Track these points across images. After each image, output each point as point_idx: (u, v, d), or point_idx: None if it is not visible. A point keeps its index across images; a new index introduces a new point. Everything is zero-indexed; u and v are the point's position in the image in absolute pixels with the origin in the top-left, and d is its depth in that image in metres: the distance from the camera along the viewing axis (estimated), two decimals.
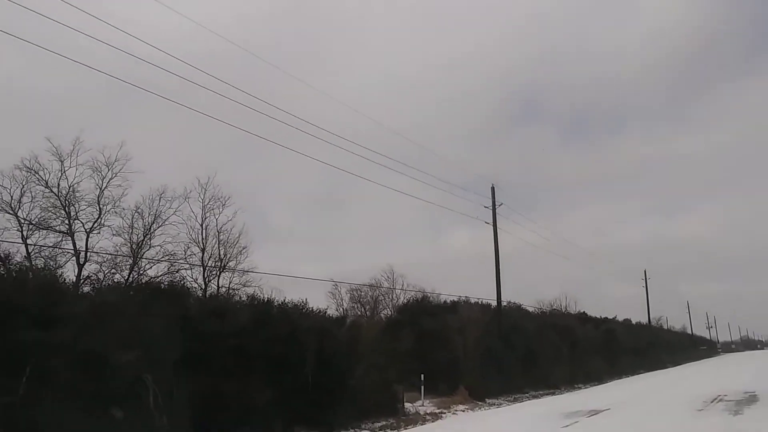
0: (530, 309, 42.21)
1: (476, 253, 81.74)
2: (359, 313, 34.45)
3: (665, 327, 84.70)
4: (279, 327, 17.31)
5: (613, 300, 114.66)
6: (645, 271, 67.69)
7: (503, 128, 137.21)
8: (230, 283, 19.63)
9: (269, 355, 16.39)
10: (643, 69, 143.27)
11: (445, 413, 22.31)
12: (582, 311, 51.63)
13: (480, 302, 33.60)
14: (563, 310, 48.36)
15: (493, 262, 31.82)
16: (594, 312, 53.71)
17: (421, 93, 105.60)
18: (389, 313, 33.19)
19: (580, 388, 35.17)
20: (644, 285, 67.41)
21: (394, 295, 34.28)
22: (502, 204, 32.02)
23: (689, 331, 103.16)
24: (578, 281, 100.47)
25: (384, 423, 19.42)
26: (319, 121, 20.87)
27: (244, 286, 19.83)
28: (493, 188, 32.23)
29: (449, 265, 70.62)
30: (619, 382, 37.80)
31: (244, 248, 20.00)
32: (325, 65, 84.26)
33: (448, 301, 33.08)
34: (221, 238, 19.79)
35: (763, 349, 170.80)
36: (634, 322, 65.98)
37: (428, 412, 22.28)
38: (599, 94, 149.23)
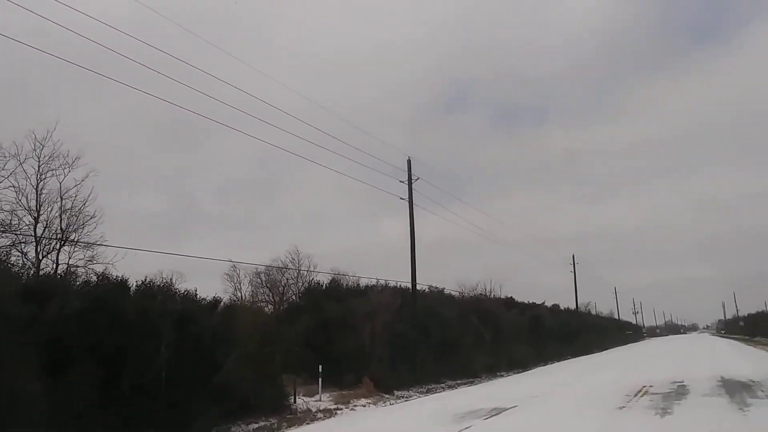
0: (454, 294, 39.81)
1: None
2: (267, 298, 31.51)
3: (593, 312, 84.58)
4: (123, 312, 14.11)
5: (543, 287, 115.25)
6: (573, 256, 66.79)
7: (435, 117, 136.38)
8: (69, 259, 16.06)
9: (105, 347, 13.22)
10: (567, 60, 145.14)
11: (341, 409, 19.54)
12: (510, 296, 49.78)
13: (398, 286, 30.98)
14: (488, 295, 46.24)
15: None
16: (524, 299, 52.16)
17: (357, 79, 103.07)
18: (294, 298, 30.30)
19: (502, 376, 33.03)
20: (572, 270, 66.33)
21: (305, 279, 31.35)
22: (418, 179, 29.37)
23: (616, 317, 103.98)
24: (509, 268, 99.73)
25: (263, 424, 16.50)
26: (253, 102, 19.55)
27: (90, 262, 16.34)
28: (409, 161, 29.56)
29: (383, 252, 68.68)
30: (542, 370, 35.85)
31: (91, 218, 16.47)
32: (261, 45, 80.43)
33: (362, 285, 30.27)
34: (64, 205, 16.24)
35: (685, 333, 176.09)
36: (562, 307, 64.95)
37: (322, 408, 19.41)
38: (527, 86, 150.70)
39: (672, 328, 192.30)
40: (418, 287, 34.11)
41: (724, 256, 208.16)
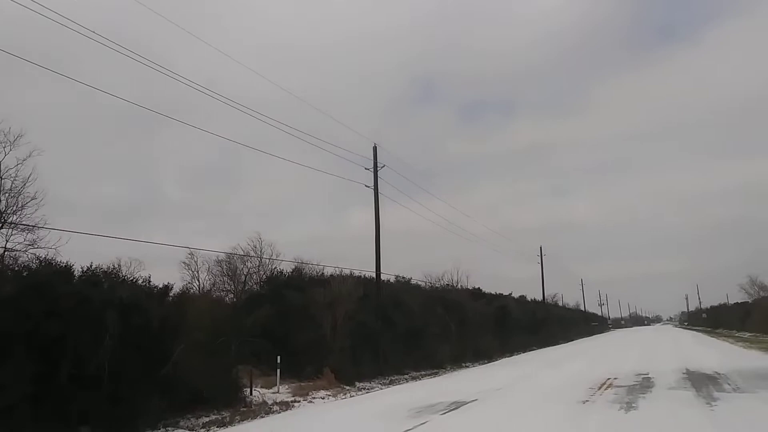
0: (420, 284, 39.25)
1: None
2: (228, 287, 30.63)
3: (560, 304, 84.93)
4: (62, 299, 13.20)
5: (511, 279, 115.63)
6: (540, 248, 66.77)
7: (403, 110, 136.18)
8: (7, 242, 14.99)
9: (41, 336, 12.33)
10: (536, 56, 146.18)
11: (299, 402, 18.84)
12: (477, 287, 49.40)
13: (363, 275, 30.30)
14: (455, 286, 45.81)
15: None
16: (492, 290, 51.95)
17: (324, 72, 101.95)
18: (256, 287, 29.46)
19: (467, 367, 32.62)
20: (540, 262, 66.33)
21: (268, 268, 30.52)
22: (384, 166, 28.64)
23: (582, 308, 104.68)
24: (478, 260, 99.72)
25: (215, 417, 15.73)
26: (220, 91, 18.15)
27: (31, 247, 15.29)
28: (375, 148, 28.80)
29: (351, 242, 68.08)
30: (507, 361, 35.54)
31: (32, 199, 15.37)
32: (228, 35, 78.77)
33: (326, 274, 29.49)
34: (3, 185, 15.15)
35: (650, 324, 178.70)
36: (529, 299, 64.96)
37: (279, 401, 18.69)
38: (495, 80, 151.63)
39: (636, 320, 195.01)
40: (384, 277, 33.51)
41: (687, 250, 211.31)
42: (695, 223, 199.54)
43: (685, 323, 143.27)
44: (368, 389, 22.63)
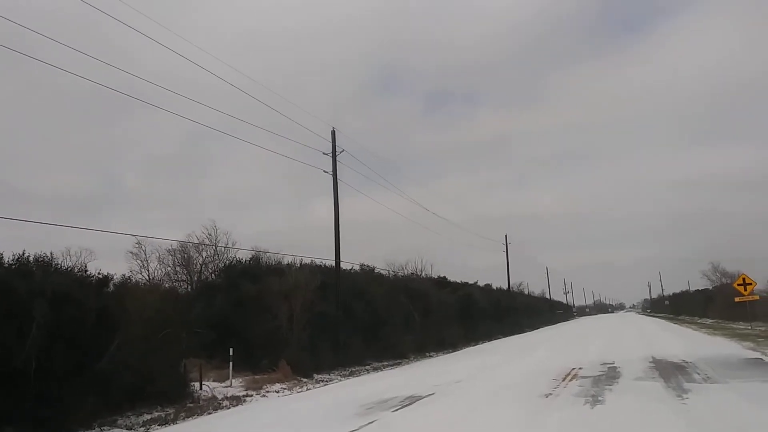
0: (383, 273, 38.41)
1: (346, 222, 78.20)
2: (182, 277, 29.47)
3: (526, 292, 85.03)
4: None
5: (478, 268, 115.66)
6: (506, 237, 66.39)
7: (366, 101, 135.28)
8: None
9: None
10: (500, 45, 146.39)
11: (251, 396, 17.90)
12: (442, 276, 48.79)
13: (324, 264, 29.34)
14: (419, 274, 45.11)
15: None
16: (459, 279, 51.48)
17: (293, 59, 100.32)
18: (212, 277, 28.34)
19: (431, 356, 31.94)
20: (505, 251, 65.98)
21: (224, 257, 29.40)
22: (343, 151, 27.67)
23: (548, 296, 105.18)
24: (445, 249, 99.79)
25: (157, 414, 14.72)
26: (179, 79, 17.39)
27: None
28: (333, 132, 27.79)
29: (315, 232, 67.15)
30: (471, 350, 34.93)
31: None
32: (192, 22, 76.70)
33: (285, 263, 28.44)
34: None
35: (613, 312, 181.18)
36: (495, 287, 64.62)
37: (230, 395, 17.71)
38: (458, 71, 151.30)
39: (600, 308, 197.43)
40: (347, 266, 32.63)
41: (650, 239, 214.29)
42: (657, 212, 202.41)
43: (648, 310, 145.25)
44: (327, 381, 21.78)
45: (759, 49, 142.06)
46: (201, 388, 18.25)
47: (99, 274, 16.42)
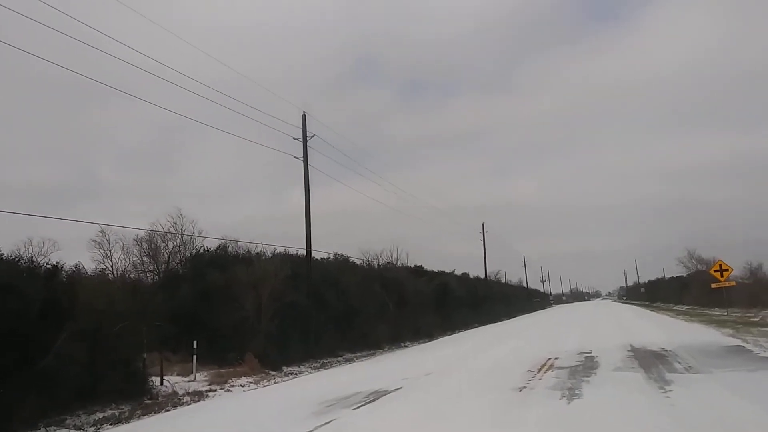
0: (357, 261, 37.62)
1: (324, 212, 77.91)
2: (149, 268, 28.41)
3: (503, 281, 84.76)
4: None
5: (456, 257, 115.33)
6: (483, 225, 65.90)
7: (343, 90, 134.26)
8: None
9: None
10: (476, 34, 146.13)
11: (215, 391, 17.08)
12: (419, 265, 48.11)
13: (296, 253, 28.46)
14: (395, 263, 44.37)
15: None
16: (436, 268, 50.91)
17: (258, 54, 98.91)
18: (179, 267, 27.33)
19: (405, 346, 31.30)
20: (482, 239, 65.47)
21: (193, 247, 28.34)
22: (314, 135, 26.73)
23: (525, 285, 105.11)
24: (422, 239, 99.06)
25: (111, 413, 13.84)
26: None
27: None
28: (304, 116, 26.83)
29: (290, 222, 66.38)
30: (447, 340, 34.30)
31: None
32: (168, 14, 74.91)
33: (257, 252, 27.48)
34: None
35: (590, 300, 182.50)
36: (472, 276, 64.16)
37: (192, 390, 16.84)
38: (436, 59, 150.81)
39: (577, 296, 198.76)
40: (320, 256, 31.81)
41: (626, 227, 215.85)
42: (634, 201, 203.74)
43: (624, 298, 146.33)
44: (296, 374, 21.01)
45: (737, 37, 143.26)
46: (162, 384, 17.40)
47: (48, 263, 15.42)
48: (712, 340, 18.43)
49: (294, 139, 26.72)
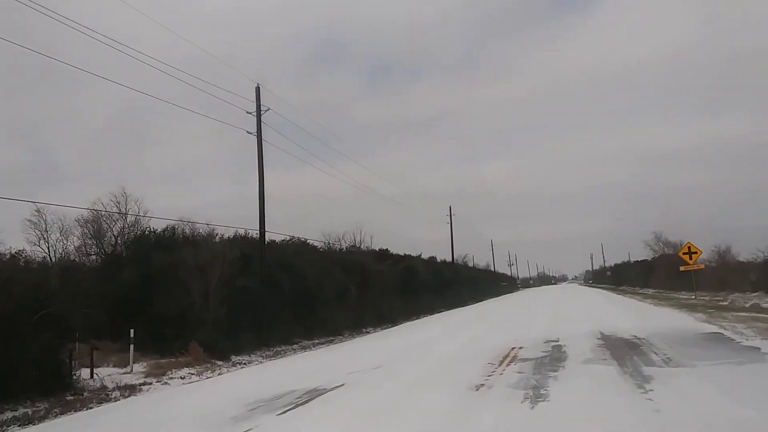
0: (318, 245, 36.15)
1: (290, 197, 76.40)
2: (94, 251, 26.57)
3: (471, 265, 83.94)
4: None
5: (425, 242, 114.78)
6: (450, 208, 64.84)
7: (310, 73, 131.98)
8: None
9: None
10: (441, 17, 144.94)
11: (150, 384, 15.63)
12: (385, 248, 46.84)
13: (250, 236, 26.87)
14: (358, 247, 43.02)
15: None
16: (404, 252, 49.75)
17: (223, 37, 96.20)
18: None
19: (367, 332, 30.06)
20: (449, 222, 64.38)
21: (140, 227, 26.51)
22: (269, 109, 25.13)
23: (492, 269, 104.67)
24: (392, 224, 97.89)
25: (25, 411, 12.34)
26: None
27: None
28: (258, 89, 25.21)
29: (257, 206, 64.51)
30: (409, 325, 33.06)
31: None
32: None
33: (209, 233, 25.78)
34: None
35: (556, 283, 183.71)
36: (439, 260, 63.11)
37: (124, 384, 15.31)
38: (401, 42, 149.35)
39: (544, 279, 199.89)
40: (278, 238, 30.34)
41: (592, 211, 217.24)
42: (601, 186, 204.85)
43: (590, 281, 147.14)
44: (245, 363, 19.62)
45: (709, 24, 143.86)
46: (92, 377, 15.85)
47: None
48: (687, 327, 17.24)
49: (247, 113, 25.12)
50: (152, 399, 13.21)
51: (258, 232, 25.03)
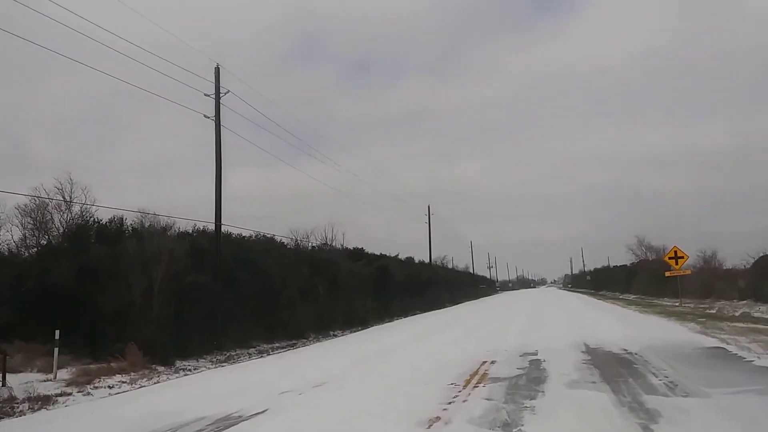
0: (286, 241, 34.06)
1: (264, 194, 74.54)
2: (43, 242, 24.23)
3: (450, 266, 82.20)
4: None
5: (403, 242, 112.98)
6: (429, 207, 62.82)
7: (287, 68, 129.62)
8: None
9: None
10: (420, 15, 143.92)
11: (70, 394, 13.53)
12: (359, 247, 44.86)
13: (206, 230, 24.80)
14: (330, 244, 40.96)
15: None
16: (381, 252, 47.97)
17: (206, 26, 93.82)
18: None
19: (335, 335, 28.11)
20: (427, 222, 62.39)
21: (89, 217, 24.16)
22: (228, 92, 23.05)
23: (471, 271, 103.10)
24: (369, 224, 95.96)
25: None
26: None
27: None
28: (217, 69, 23.11)
29: (234, 204, 62.84)
30: (379, 328, 31.16)
31: None
32: None
33: (163, 226, 23.54)
34: None
35: (535, 287, 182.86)
36: (417, 260, 61.25)
37: (39, 394, 13.17)
38: (379, 39, 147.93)
39: (523, 283, 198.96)
40: (243, 234, 28.37)
41: (572, 215, 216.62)
42: (581, 189, 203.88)
43: (569, 285, 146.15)
44: (191, 370, 17.59)
45: (685, 29, 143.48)
46: (3, 385, 13.75)
47: None
48: (682, 339, 15.30)
49: (205, 95, 23.03)
50: (59, 415, 11.15)
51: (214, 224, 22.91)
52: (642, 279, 55.81)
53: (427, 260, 63.43)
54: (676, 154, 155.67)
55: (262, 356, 20.60)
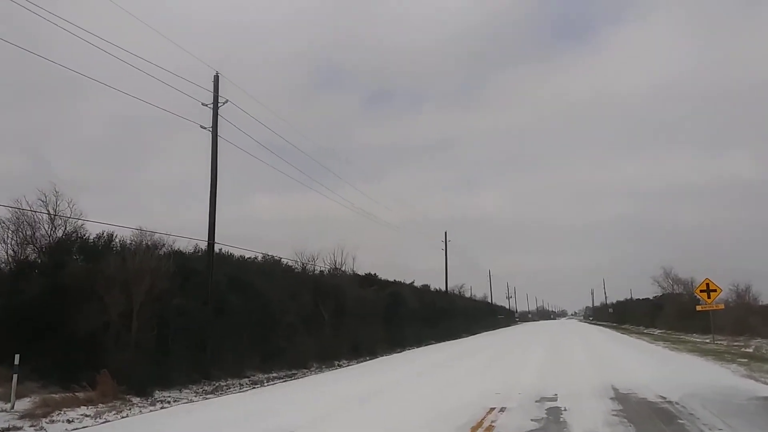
0: (292, 264, 32.24)
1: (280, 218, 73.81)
2: (33, 258, 22.68)
3: (468, 295, 79.87)
4: None
5: (421, 270, 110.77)
6: (445, 234, 60.85)
7: (307, 96, 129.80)
8: None
9: None
10: (443, 45, 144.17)
11: (20, 429, 11.84)
12: (373, 273, 42.90)
13: (198, 249, 23.10)
14: (340, 269, 39.04)
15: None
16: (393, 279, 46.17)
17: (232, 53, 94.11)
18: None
19: (339, 366, 26.21)
20: (444, 249, 60.33)
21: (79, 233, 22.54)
22: (227, 101, 21.55)
23: (489, 300, 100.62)
24: (386, 252, 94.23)
25: None
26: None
27: None
28: (216, 77, 21.65)
29: (257, 226, 62.66)
30: (390, 359, 29.19)
31: None
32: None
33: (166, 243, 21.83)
34: None
35: (555, 319, 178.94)
36: (433, 288, 59.14)
37: None
38: (402, 68, 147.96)
39: (543, 314, 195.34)
40: (247, 255, 26.72)
41: (594, 245, 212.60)
42: (604, 220, 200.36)
43: (590, 318, 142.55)
44: (171, 401, 15.87)
45: (704, 55, 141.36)
46: None
47: None
48: (728, 384, 13.07)
49: (203, 105, 21.53)
50: None
51: (212, 244, 21.16)
52: (668, 313, 53.13)
53: (443, 288, 61.32)
54: (703, 186, 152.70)
55: (254, 387, 18.81)
